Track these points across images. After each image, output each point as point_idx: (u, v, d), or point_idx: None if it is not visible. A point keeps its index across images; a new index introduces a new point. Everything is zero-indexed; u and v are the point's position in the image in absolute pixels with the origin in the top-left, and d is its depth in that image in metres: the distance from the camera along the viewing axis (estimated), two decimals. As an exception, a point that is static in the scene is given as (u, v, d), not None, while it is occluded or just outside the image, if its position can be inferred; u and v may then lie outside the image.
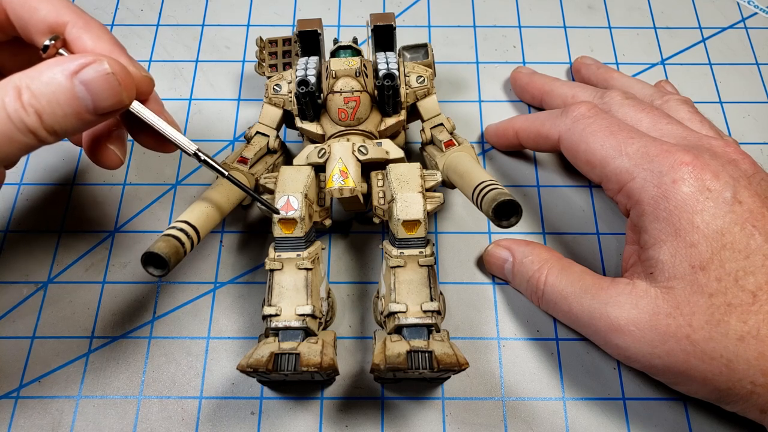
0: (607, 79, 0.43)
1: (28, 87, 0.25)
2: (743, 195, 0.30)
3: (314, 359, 0.29)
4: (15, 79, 0.25)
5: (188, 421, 0.35)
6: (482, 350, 0.37)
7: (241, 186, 0.31)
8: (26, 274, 0.39)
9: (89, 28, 0.30)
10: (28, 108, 0.25)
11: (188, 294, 0.39)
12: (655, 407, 0.35)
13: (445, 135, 0.38)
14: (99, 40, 0.29)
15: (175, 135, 0.30)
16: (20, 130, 0.25)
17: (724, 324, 0.28)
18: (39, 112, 0.25)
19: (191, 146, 0.30)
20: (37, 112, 0.25)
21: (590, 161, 0.34)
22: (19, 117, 0.25)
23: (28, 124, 0.25)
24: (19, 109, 0.25)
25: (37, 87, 0.25)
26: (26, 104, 0.25)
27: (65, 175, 0.42)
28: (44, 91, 0.25)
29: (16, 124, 0.25)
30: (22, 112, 0.25)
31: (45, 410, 0.35)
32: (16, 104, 0.25)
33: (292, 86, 0.38)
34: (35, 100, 0.25)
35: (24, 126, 0.25)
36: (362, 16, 0.50)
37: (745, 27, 0.50)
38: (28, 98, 0.25)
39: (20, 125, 0.25)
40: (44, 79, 0.25)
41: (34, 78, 0.25)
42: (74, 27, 0.29)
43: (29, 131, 0.25)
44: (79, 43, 0.29)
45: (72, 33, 0.29)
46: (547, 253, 0.36)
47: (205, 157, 0.30)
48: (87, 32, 0.29)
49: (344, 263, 0.40)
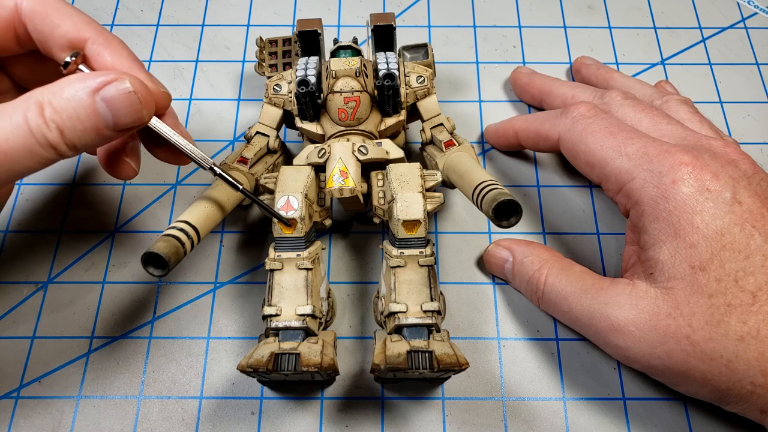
0: (607, 79, 0.43)
1: (50, 103, 0.25)
2: (743, 195, 0.30)
3: (314, 359, 0.29)
4: (37, 94, 0.25)
5: (188, 421, 0.35)
6: (482, 350, 0.37)
7: (254, 198, 0.32)
8: (26, 274, 0.39)
9: (109, 44, 0.30)
10: (50, 123, 0.25)
11: (188, 294, 0.39)
12: (655, 407, 0.35)
13: (445, 135, 0.38)
14: (119, 57, 0.30)
15: (192, 150, 0.30)
16: (42, 144, 0.25)
17: (724, 324, 0.28)
18: (60, 128, 0.25)
19: (207, 160, 0.31)
20: (59, 127, 0.25)
21: (590, 161, 0.34)
22: (41, 132, 0.25)
23: (50, 139, 0.25)
24: (42, 125, 0.25)
25: (59, 103, 0.25)
26: (48, 120, 0.25)
27: (65, 175, 0.42)
28: (66, 107, 0.25)
29: (37, 139, 0.25)
30: (44, 128, 0.25)
31: (45, 410, 0.35)
32: (39, 120, 0.25)
33: (292, 86, 0.38)
34: (57, 116, 0.25)
35: (45, 141, 0.25)
36: (362, 16, 0.50)
37: (745, 27, 0.50)
38: (50, 114, 0.25)
39: (42, 140, 0.25)
40: (66, 96, 0.25)
41: (56, 94, 0.25)
42: (94, 43, 0.30)
43: (50, 146, 0.25)
44: (99, 59, 0.30)
45: (92, 49, 0.30)
46: (547, 253, 0.36)
47: (220, 171, 0.31)
48: (107, 48, 0.30)
49: (344, 263, 0.40)
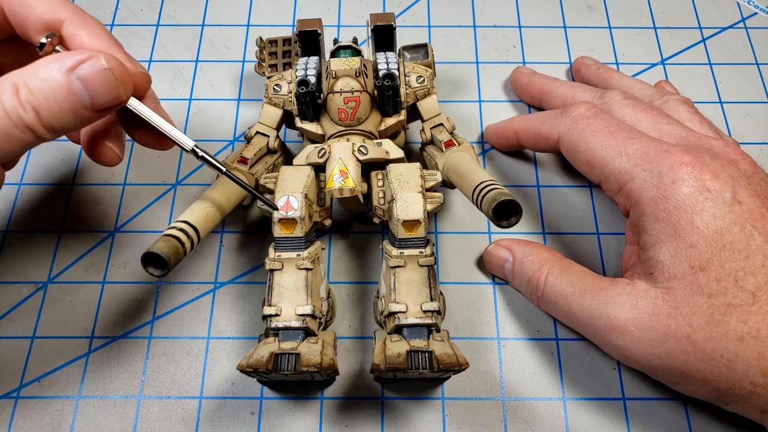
0: (607, 79, 0.43)
1: (26, 84, 0.25)
2: (743, 195, 0.30)
3: (314, 359, 0.29)
4: (12, 76, 0.25)
5: (188, 421, 0.35)
6: (482, 350, 0.37)
7: (240, 182, 0.31)
8: (26, 274, 0.39)
9: (86, 24, 0.30)
10: (25, 104, 0.25)
11: (188, 294, 0.39)
12: (655, 407, 0.35)
13: (445, 135, 0.38)
14: (96, 37, 0.29)
15: (172, 131, 0.30)
16: (18, 126, 0.25)
17: (724, 324, 0.28)
18: (36, 109, 0.25)
19: (188, 142, 0.30)
20: (35, 108, 0.25)
21: (590, 161, 0.34)
22: (17, 114, 0.25)
23: (26, 120, 0.25)
24: (17, 106, 0.25)
25: (34, 84, 0.25)
26: (23, 101, 0.25)
27: (65, 175, 0.42)
28: (41, 87, 0.25)
29: (13, 121, 0.25)
30: (19, 109, 0.25)
31: (45, 410, 0.35)
32: (14, 101, 0.25)
33: (292, 86, 0.38)
34: (32, 97, 0.25)
35: (21, 123, 0.25)
36: (362, 16, 0.50)
37: (745, 27, 0.50)
38: (25, 95, 0.25)
39: (18, 122, 0.25)
40: (41, 76, 0.25)
41: (31, 75, 0.25)
42: (71, 24, 0.29)
43: (27, 128, 0.25)
44: (75, 40, 0.29)
45: (68, 30, 0.29)
46: (547, 253, 0.36)
47: (202, 153, 0.30)
48: (83, 29, 0.29)
49: (344, 263, 0.40)
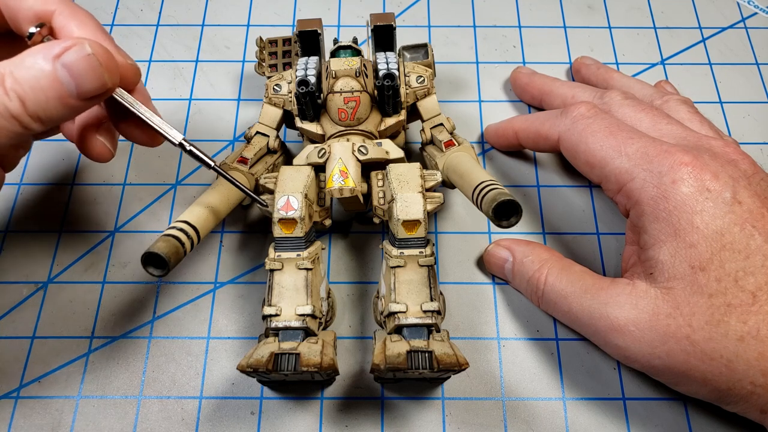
0: (607, 79, 0.43)
1: (12, 73, 0.25)
2: (743, 195, 0.30)
3: (314, 359, 0.29)
4: None
5: (188, 421, 0.35)
6: (482, 350, 0.37)
7: (231, 179, 0.31)
8: (26, 274, 0.39)
9: (76, 15, 0.30)
10: (10, 93, 0.25)
11: (188, 294, 0.39)
12: (655, 407, 0.35)
13: (445, 135, 0.38)
14: (85, 27, 0.30)
15: (159, 122, 0.29)
16: (4, 116, 0.25)
17: (724, 324, 0.28)
18: (22, 98, 0.25)
19: (177, 135, 0.30)
20: (20, 97, 0.25)
21: (590, 161, 0.34)
22: (2, 103, 0.25)
23: (12, 110, 0.25)
24: (2, 95, 0.25)
25: (20, 72, 0.25)
26: (9, 90, 0.25)
27: (65, 175, 0.42)
28: (26, 76, 0.25)
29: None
30: (5, 98, 0.25)
31: (45, 410, 0.35)
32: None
33: (292, 86, 0.38)
34: (18, 86, 0.25)
35: (7, 112, 0.25)
36: (362, 16, 0.50)
37: (745, 27, 0.50)
38: (11, 84, 0.25)
39: (4, 111, 0.25)
40: (27, 65, 0.25)
41: (18, 64, 0.25)
42: (60, 15, 0.29)
43: (13, 117, 0.25)
44: (65, 31, 0.29)
45: (58, 21, 0.29)
46: (547, 253, 0.36)
47: (190, 147, 0.30)
48: (73, 20, 0.29)
49: (344, 263, 0.40)
